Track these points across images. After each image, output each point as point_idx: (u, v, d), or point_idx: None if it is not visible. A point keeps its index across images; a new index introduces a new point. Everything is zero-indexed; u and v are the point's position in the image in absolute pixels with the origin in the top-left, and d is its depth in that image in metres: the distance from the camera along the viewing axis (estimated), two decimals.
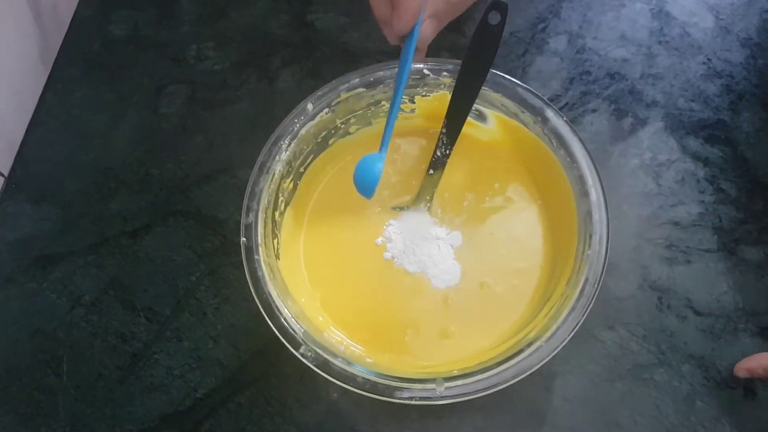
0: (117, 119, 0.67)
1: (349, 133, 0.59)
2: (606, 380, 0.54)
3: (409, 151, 0.60)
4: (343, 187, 0.58)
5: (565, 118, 0.52)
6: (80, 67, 0.71)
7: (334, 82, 0.55)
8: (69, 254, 0.61)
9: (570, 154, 0.51)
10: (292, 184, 0.56)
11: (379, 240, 0.57)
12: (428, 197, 0.57)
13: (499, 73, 0.54)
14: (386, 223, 0.57)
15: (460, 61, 0.53)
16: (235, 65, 0.70)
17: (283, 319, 0.46)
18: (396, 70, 0.54)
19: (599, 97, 0.66)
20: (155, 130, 0.67)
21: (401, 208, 0.58)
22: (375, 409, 0.53)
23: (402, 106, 0.58)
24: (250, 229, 0.50)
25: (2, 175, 0.64)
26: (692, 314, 0.56)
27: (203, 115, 0.67)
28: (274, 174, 0.52)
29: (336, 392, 0.54)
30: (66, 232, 0.62)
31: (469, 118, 0.57)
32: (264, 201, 0.51)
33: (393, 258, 0.55)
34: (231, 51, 0.71)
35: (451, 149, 0.56)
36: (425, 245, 0.55)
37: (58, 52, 0.72)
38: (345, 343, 0.52)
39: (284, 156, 0.53)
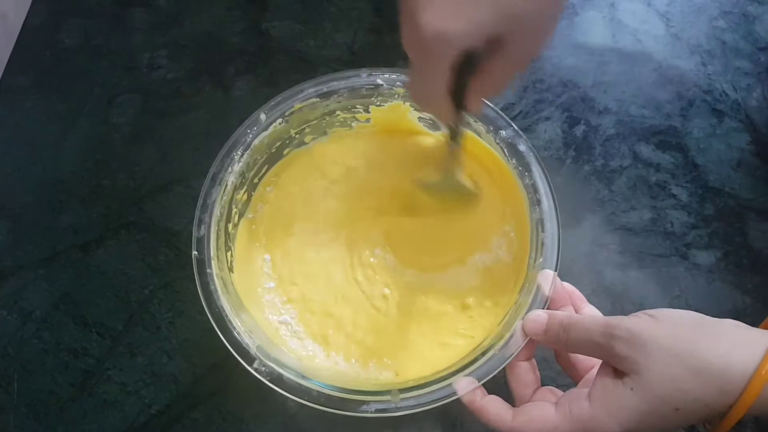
0: (67, 130, 0.66)
1: (304, 143, 0.59)
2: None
3: (372, 158, 0.60)
4: (299, 197, 0.58)
5: (515, 127, 0.52)
6: (30, 77, 0.69)
7: (287, 91, 0.55)
8: (19, 269, 0.59)
9: (522, 164, 0.51)
10: (246, 196, 0.56)
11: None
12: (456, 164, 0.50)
13: None
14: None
15: None
16: (189, 74, 0.69)
17: (236, 334, 0.46)
18: (350, 80, 0.55)
19: (552, 105, 0.67)
20: (107, 141, 0.65)
21: (431, 182, 0.53)
22: (333, 421, 0.52)
23: (357, 115, 0.58)
24: (202, 243, 0.49)
25: None
26: None
27: (156, 125, 0.66)
28: (226, 185, 0.52)
29: (293, 406, 0.54)
30: (15, 246, 0.60)
31: (422, 127, 0.57)
32: (216, 213, 0.51)
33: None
34: (185, 59, 0.70)
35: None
36: None
37: (8, 62, 0.70)
38: (303, 355, 0.52)
39: (237, 167, 0.53)
